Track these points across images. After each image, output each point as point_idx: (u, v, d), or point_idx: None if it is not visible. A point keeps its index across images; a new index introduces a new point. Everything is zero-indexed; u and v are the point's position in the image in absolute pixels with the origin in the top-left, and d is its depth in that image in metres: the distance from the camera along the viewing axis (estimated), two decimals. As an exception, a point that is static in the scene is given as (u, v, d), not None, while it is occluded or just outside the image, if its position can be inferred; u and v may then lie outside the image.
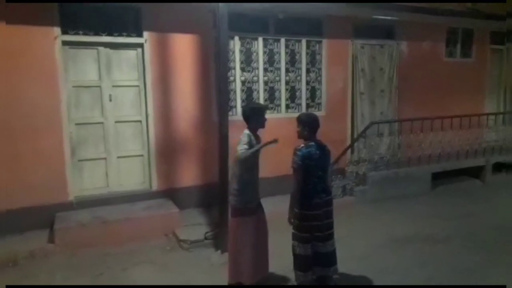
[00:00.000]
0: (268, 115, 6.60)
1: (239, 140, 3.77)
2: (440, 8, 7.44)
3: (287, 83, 6.96)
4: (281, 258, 4.16)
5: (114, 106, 5.76)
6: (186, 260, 4.79)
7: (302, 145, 3.79)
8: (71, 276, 4.36)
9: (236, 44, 6.44)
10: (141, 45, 5.79)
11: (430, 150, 7.54)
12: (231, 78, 6.42)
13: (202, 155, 6.22)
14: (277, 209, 4.26)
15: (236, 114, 6.49)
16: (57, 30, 5.27)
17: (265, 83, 6.78)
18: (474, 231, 5.60)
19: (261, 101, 6.73)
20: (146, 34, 5.77)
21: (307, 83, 7.14)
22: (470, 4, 8.24)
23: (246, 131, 3.81)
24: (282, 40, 6.81)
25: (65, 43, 5.36)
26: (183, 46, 6.01)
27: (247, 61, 6.62)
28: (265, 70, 6.76)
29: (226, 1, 4.67)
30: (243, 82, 6.60)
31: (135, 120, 5.93)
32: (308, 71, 7.13)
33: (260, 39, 6.63)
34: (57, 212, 5.31)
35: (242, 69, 6.58)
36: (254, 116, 3.85)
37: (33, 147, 5.24)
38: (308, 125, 3.83)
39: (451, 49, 8.76)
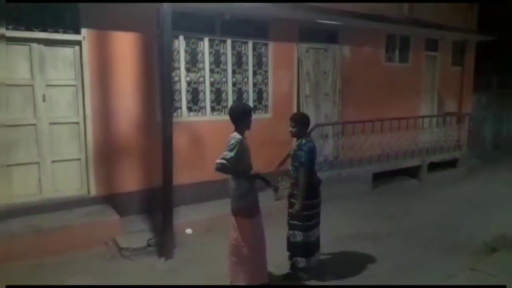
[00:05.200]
0: (215, 116, 6.68)
1: (229, 143, 3.56)
2: (380, 15, 7.75)
3: (234, 84, 6.90)
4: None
5: (48, 106, 5.38)
6: (128, 268, 4.57)
7: (304, 140, 4.09)
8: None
9: (181, 44, 6.28)
10: (79, 43, 5.46)
11: (371, 151, 7.84)
12: (176, 79, 6.25)
13: (144, 158, 5.97)
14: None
15: (181, 116, 6.34)
16: (-18, 24, 4.83)
17: (212, 84, 6.67)
18: (413, 227, 5.90)
19: (207, 102, 6.62)
20: (84, 31, 5.45)
21: (254, 85, 7.12)
22: (407, 11, 8.70)
23: (238, 136, 3.61)
24: (229, 41, 6.75)
25: (-8, 37, 4.92)
26: (125, 44, 5.75)
27: (193, 62, 6.47)
28: (211, 71, 6.65)
29: (170, 0, 4.53)
30: (188, 83, 6.45)
31: (72, 122, 5.57)
32: (254, 73, 7.11)
33: (206, 40, 6.52)
34: (-18, 223, 4.85)
35: (188, 70, 6.42)
36: (246, 117, 3.71)
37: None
38: (303, 124, 4.17)
39: (390, 54, 9.18)
